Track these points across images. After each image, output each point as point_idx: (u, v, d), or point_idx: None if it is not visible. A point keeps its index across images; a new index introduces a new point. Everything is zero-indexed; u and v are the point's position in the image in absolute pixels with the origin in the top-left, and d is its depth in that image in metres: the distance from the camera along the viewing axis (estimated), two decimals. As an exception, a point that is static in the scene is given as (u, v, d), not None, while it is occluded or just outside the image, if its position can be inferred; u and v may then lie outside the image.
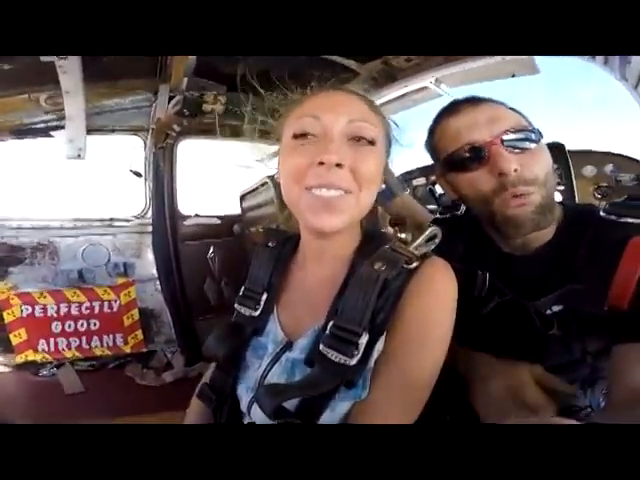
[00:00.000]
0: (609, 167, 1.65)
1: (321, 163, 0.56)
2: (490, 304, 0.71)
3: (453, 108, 0.74)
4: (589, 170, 1.66)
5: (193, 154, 2.45)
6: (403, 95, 1.99)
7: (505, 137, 0.68)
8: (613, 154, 1.63)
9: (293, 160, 0.59)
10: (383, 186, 0.67)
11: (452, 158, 0.73)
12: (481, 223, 0.79)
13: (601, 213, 0.71)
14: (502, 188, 0.68)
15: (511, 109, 0.73)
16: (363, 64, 1.90)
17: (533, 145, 0.69)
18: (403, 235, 0.67)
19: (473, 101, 0.73)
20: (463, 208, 0.87)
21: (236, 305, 0.71)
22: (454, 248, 0.78)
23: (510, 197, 0.68)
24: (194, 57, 1.78)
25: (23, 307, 2.11)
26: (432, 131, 0.78)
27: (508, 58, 1.47)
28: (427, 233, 0.64)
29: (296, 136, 0.60)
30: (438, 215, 0.92)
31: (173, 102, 2.09)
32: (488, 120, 0.69)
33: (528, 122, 0.73)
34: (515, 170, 0.67)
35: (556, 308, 0.68)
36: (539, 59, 1.54)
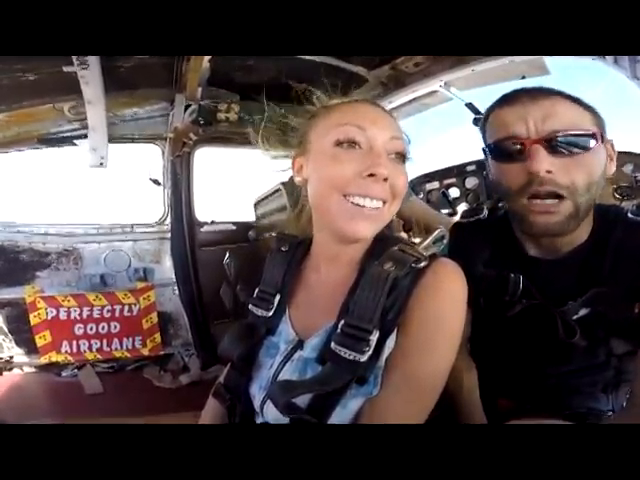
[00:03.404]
0: (628, 167, 1.61)
1: (371, 175, 0.59)
2: (518, 307, 0.71)
3: (512, 97, 0.71)
4: (608, 170, 1.62)
5: (209, 162, 2.50)
6: (413, 100, 1.99)
7: (551, 138, 0.65)
8: (632, 154, 1.58)
9: (337, 168, 0.60)
10: None
11: (494, 146, 0.73)
12: (511, 226, 0.78)
13: (629, 215, 0.70)
14: (529, 185, 0.67)
15: (582, 106, 0.69)
16: (371, 70, 1.91)
17: (583, 151, 0.66)
18: (417, 239, 0.68)
19: (535, 94, 0.69)
20: (486, 212, 0.86)
21: (250, 306, 0.74)
22: (480, 252, 0.79)
23: (534, 197, 0.67)
24: (208, 67, 1.82)
25: (48, 310, 2.19)
26: (488, 115, 0.76)
27: (517, 60, 1.46)
28: (434, 234, 0.65)
29: (340, 143, 0.61)
30: (461, 219, 0.91)
31: (189, 111, 2.14)
32: (541, 116, 0.66)
33: (597, 124, 0.69)
34: (548, 171, 0.65)
35: (583, 312, 0.68)
36: (549, 60, 1.51)
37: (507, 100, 0.71)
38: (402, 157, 0.64)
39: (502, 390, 0.80)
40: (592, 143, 0.66)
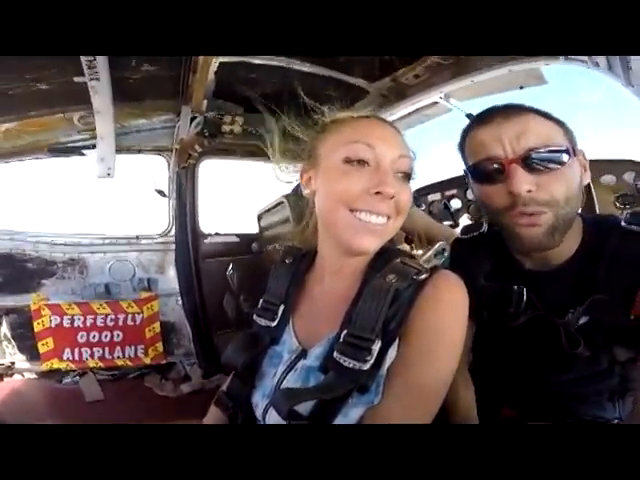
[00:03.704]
0: (629, 175, 1.60)
1: (378, 193, 0.61)
2: (521, 318, 0.72)
3: (485, 117, 0.72)
4: (608, 179, 1.62)
5: (214, 174, 2.53)
6: (414, 111, 2.01)
7: (527, 156, 0.67)
8: (632, 162, 1.58)
9: (345, 185, 0.63)
10: None
11: (474, 169, 0.74)
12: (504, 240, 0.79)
13: (622, 223, 0.71)
14: (513, 205, 0.68)
15: (553, 121, 0.71)
16: (372, 82, 1.93)
17: (558, 166, 0.67)
18: (418, 251, 0.69)
19: (508, 112, 0.71)
20: (485, 226, 0.87)
21: (255, 316, 0.75)
22: (480, 266, 0.80)
23: (520, 215, 0.68)
24: (213, 79, 1.85)
25: (52, 317, 2.20)
26: (464, 136, 0.77)
27: (515, 69, 1.47)
28: (436, 247, 0.67)
29: (349, 160, 0.63)
30: (462, 235, 0.92)
31: (194, 123, 2.17)
32: (516, 135, 0.68)
33: (568, 138, 0.71)
34: (529, 191, 0.66)
35: (583, 320, 0.68)
36: (546, 70, 1.53)
37: (481, 120, 0.73)
38: (408, 176, 0.67)
39: (506, 400, 0.79)
40: (566, 157, 0.68)
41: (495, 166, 0.69)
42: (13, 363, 2.18)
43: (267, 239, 2.20)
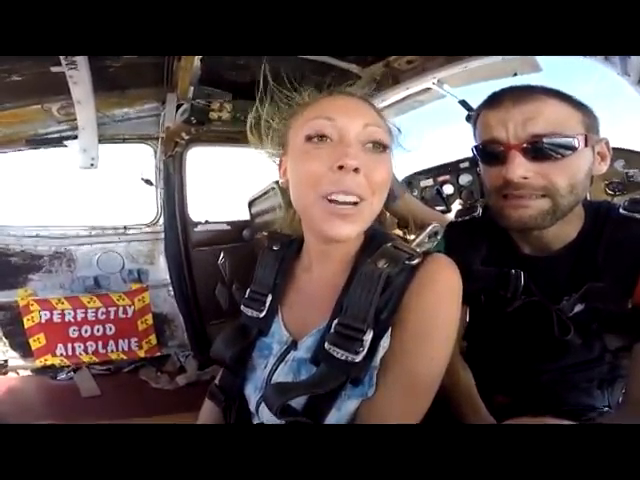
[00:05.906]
0: (619, 163, 1.62)
1: (340, 167, 0.55)
2: (516, 303, 0.72)
3: (495, 100, 0.71)
4: (599, 166, 1.63)
5: (202, 161, 2.49)
6: (406, 97, 1.99)
7: (531, 143, 0.66)
8: (623, 150, 1.59)
9: (308, 165, 0.58)
10: None
11: (479, 148, 0.74)
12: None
13: (621, 210, 0.70)
14: (505, 188, 0.68)
15: (572, 105, 0.69)
16: (364, 68, 1.90)
17: (565, 154, 0.66)
18: (411, 236, 0.67)
19: (518, 96, 0.68)
20: (480, 210, 0.87)
21: (242, 307, 0.73)
22: (476, 250, 0.79)
23: (510, 197, 0.68)
24: (199, 65, 1.79)
25: (42, 313, 2.18)
26: (477, 114, 0.76)
27: (509, 57, 1.46)
28: (428, 230, 0.64)
29: (310, 138, 0.58)
30: (456, 218, 0.91)
31: (181, 110, 2.11)
32: (522, 120, 0.66)
33: (586, 125, 0.68)
34: (524, 178, 0.66)
35: (578, 308, 0.68)
36: (541, 57, 1.52)
37: (492, 101, 0.72)
38: (381, 146, 0.60)
39: (499, 387, 0.80)
40: (574, 146, 0.66)
41: (497, 149, 0.69)
42: (6, 361, 2.16)
43: (258, 226, 2.18)
